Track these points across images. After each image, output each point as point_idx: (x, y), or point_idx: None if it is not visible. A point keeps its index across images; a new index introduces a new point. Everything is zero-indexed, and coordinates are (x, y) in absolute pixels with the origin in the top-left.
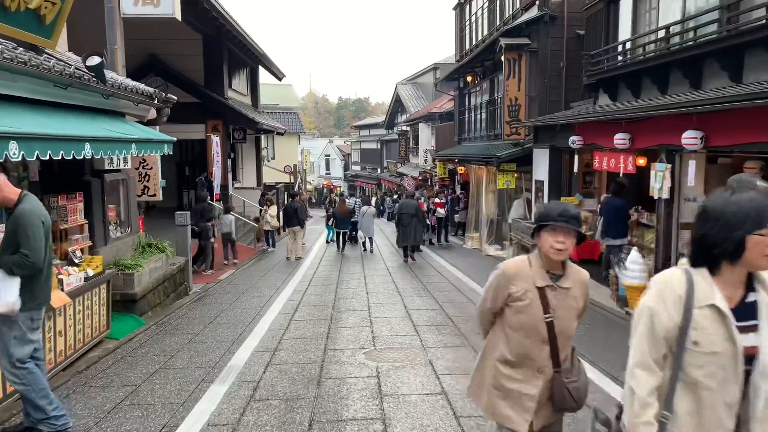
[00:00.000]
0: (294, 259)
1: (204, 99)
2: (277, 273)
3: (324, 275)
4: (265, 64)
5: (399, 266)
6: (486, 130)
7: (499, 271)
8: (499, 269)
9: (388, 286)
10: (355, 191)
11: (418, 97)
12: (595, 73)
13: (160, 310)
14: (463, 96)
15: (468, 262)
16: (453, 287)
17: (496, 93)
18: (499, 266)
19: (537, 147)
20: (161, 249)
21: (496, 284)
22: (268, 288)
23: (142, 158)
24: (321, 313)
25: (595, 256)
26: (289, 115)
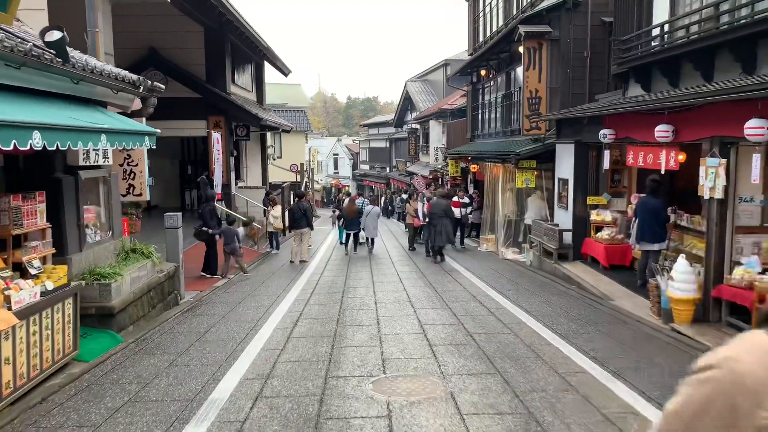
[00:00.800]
0: (298, 262)
1: (205, 94)
2: (279, 278)
3: (329, 282)
4: (270, 59)
5: (410, 271)
6: (502, 126)
7: (713, 376)
8: (716, 371)
9: (399, 295)
10: (364, 191)
11: (428, 95)
12: (627, 60)
13: (144, 324)
14: (476, 91)
15: (484, 267)
16: (470, 296)
17: (512, 86)
18: (711, 362)
19: (560, 142)
20: (147, 255)
21: (710, 409)
22: (268, 297)
23: (127, 154)
24: (324, 328)
25: (626, 261)
26: (297, 113)
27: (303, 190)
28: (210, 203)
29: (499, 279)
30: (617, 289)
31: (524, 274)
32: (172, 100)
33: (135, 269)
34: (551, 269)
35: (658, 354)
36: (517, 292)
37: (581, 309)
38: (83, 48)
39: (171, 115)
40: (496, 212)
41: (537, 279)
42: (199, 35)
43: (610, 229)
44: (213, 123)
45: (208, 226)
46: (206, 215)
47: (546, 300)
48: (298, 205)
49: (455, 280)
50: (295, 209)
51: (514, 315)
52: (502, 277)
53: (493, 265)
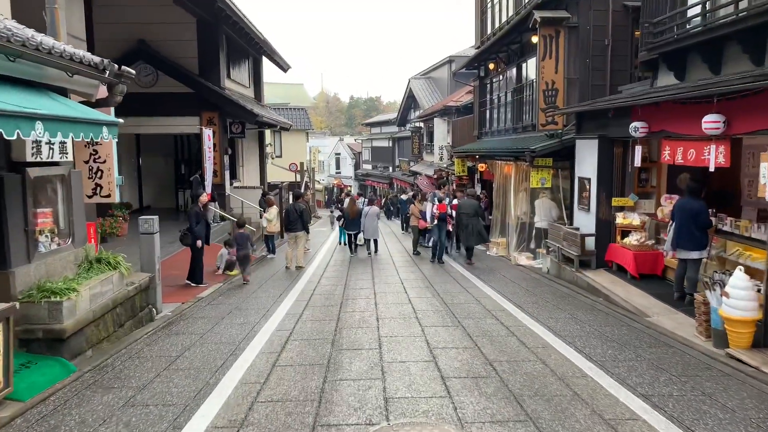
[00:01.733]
0: (294, 268)
1: (198, 89)
2: (271, 287)
3: (326, 291)
4: (268, 54)
5: (415, 279)
6: (512, 122)
7: None
8: None
9: (403, 308)
10: (366, 191)
11: (432, 92)
12: (658, 44)
13: (107, 347)
14: (483, 86)
15: (497, 275)
16: (485, 311)
17: (523, 80)
18: None
19: (581, 138)
20: (114, 265)
21: None
22: (256, 310)
23: (93, 150)
24: (316, 352)
25: (658, 270)
26: (297, 111)
27: (300, 190)
28: (197, 204)
29: (515, 289)
30: (652, 303)
31: (541, 283)
32: (163, 95)
33: (97, 282)
34: (572, 278)
35: (722, 391)
36: (537, 306)
37: (614, 328)
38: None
39: (162, 110)
40: (507, 214)
41: (557, 289)
42: (192, 27)
43: (639, 233)
44: (206, 119)
45: (193, 229)
46: (192, 217)
47: (572, 315)
48: (294, 206)
49: (466, 290)
50: (290, 210)
51: (538, 336)
52: (517, 286)
53: (506, 272)
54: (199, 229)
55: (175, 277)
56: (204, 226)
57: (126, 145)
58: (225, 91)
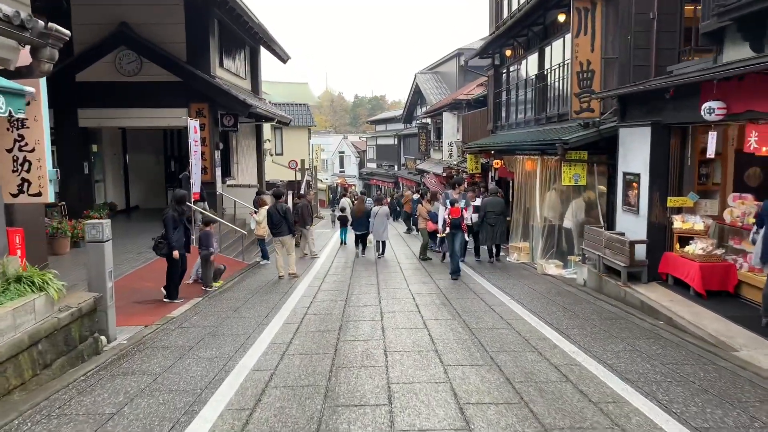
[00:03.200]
0: (287, 276)
1: (186, 77)
2: (258, 303)
3: (323, 310)
4: (266, 43)
5: (429, 293)
6: (534, 113)
7: None
8: None
9: (417, 336)
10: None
11: (440, 87)
12: (732, 6)
13: (19, 400)
14: (499, 75)
15: (524, 287)
16: (521, 340)
17: (547, 65)
18: None
19: (628, 126)
20: (39, 286)
21: None
22: (233, 338)
23: (18, 135)
24: (302, 411)
25: (729, 286)
26: (299, 107)
27: (281, 189)
28: (179, 206)
29: (551, 308)
30: (733, 331)
31: (580, 299)
32: (147, 84)
33: (7, 312)
34: (618, 293)
35: None
36: (584, 332)
37: (696, 367)
38: None
39: (147, 101)
40: (530, 216)
41: (601, 308)
42: (179, 9)
43: (704, 241)
44: (195, 110)
45: (169, 237)
46: (167, 223)
47: (633, 347)
48: (276, 208)
49: (491, 308)
50: (272, 213)
51: (601, 381)
52: (552, 303)
53: (533, 283)
54: (177, 237)
55: (149, 290)
56: (182, 232)
57: (111, 141)
58: (216, 79)
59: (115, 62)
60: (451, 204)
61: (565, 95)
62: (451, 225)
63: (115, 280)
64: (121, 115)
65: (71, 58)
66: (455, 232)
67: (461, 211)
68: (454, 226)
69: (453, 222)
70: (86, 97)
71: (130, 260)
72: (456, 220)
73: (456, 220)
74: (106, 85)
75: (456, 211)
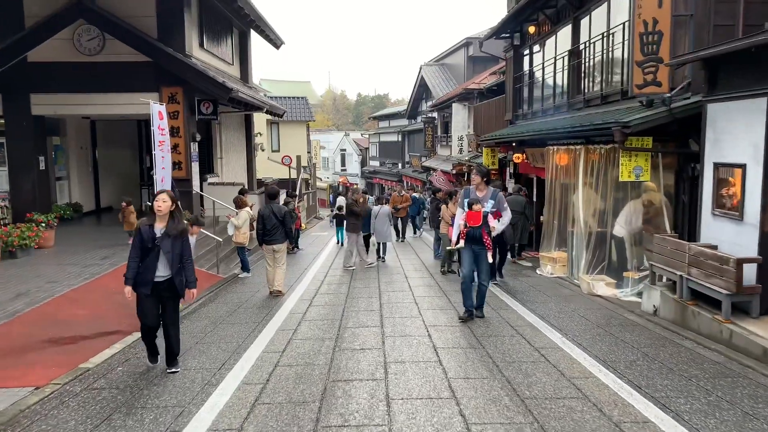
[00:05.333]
0: (275, 291)
1: (156, 57)
2: (215, 344)
3: (302, 357)
4: (257, 25)
5: (449, 325)
6: (567, 96)
7: None
8: None
9: (444, 416)
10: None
11: (447, 80)
12: None
13: None
14: (519, 57)
15: (573, 317)
16: (603, 419)
17: (584, 37)
18: None
19: (722, 99)
20: None
21: None
22: (156, 417)
23: None
24: None
25: None
26: (296, 100)
27: (275, 187)
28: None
29: (624, 353)
30: None
31: (659, 338)
32: (111, 65)
33: None
34: (715, 331)
35: None
36: (694, 402)
37: None
38: None
39: (111, 85)
40: (569, 220)
41: (699, 356)
42: None
43: None
44: (167, 95)
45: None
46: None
47: None
48: (272, 209)
49: (542, 355)
50: (265, 215)
51: None
52: (622, 345)
53: (583, 309)
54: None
55: (77, 321)
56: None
57: (77, 133)
58: (192, 59)
59: (73, 39)
60: (469, 206)
61: (610, 72)
62: (466, 236)
63: (38, 305)
64: (82, 102)
65: (21, 34)
66: (474, 248)
67: (484, 217)
68: (472, 239)
69: (470, 233)
70: (40, 81)
71: (70, 276)
72: (474, 231)
73: (474, 230)
74: (63, 66)
75: (475, 217)
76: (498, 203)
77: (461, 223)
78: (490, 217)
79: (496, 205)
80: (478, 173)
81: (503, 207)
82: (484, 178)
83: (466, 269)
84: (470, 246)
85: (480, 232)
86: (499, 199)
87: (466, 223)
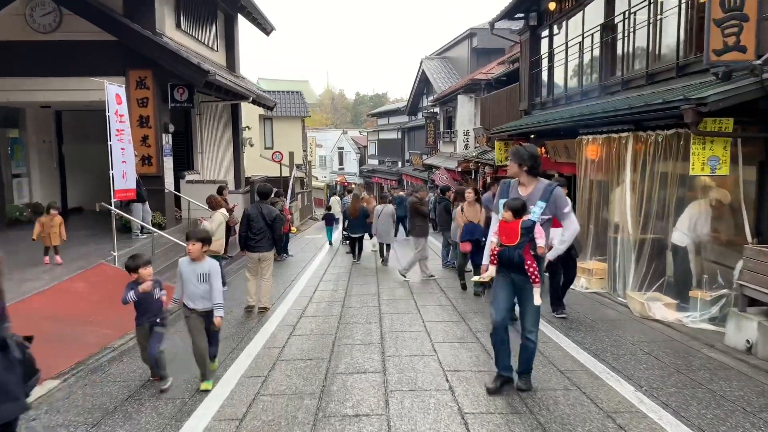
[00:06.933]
0: (261, 307)
1: (122, 35)
2: (174, 383)
3: (275, 421)
4: (243, 6)
5: (474, 369)
6: (601, 78)
7: None
8: None
9: None
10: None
11: (449, 74)
12: None
13: None
14: (537, 39)
15: (636, 354)
16: None
17: (621, 6)
18: None
19: None
20: None
21: None
22: None
23: None
24: None
25: None
26: (291, 95)
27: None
28: None
29: (735, 419)
30: None
31: None
32: (70, 45)
33: None
34: None
35: None
36: None
37: None
38: None
39: (71, 68)
40: (609, 224)
41: None
42: None
43: None
44: (135, 80)
45: None
46: None
47: None
48: (260, 209)
49: (618, 426)
50: (252, 216)
51: None
52: (726, 405)
53: (648, 343)
54: None
55: None
56: None
57: (38, 125)
58: (163, 38)
59: (25, 14)
60: (513, 212)
61: (658, 45)
62: (498, 258)
63: None
64: (37, 87)
65: None
66: (514, 278)
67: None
68: (508, 264)
69: (503, 255)
70: None
71: None
72: (510, 252)
73: (510, 250)
74: (14, 46)
75: (509, 231)
76: (554, 205)
77: (494, 239)
78: (538, 230)
79: (551, 209)
80: (514, 158)
81: (564, 212)
82: (526, 166)
83: (498, 311)
84: (507, 274)
85: (519, 254)
86: (555, 198)
87: (500, 238)
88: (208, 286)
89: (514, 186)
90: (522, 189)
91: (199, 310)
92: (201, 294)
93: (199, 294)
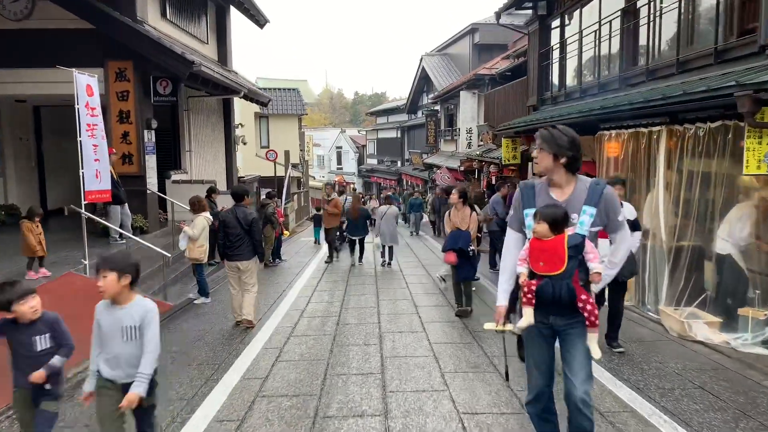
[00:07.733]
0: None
1: (100, 22)
2: None
3: None
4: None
5: (493, 400)
6: (620, 68)
7: None
8: None
9: None
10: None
11: (450, 72)
12: None
13: None
14: (546, 29)
15: (686, 384)
16: None
17: None
18: None
19: None
20: None
21: None
22: None
23: None
24: None
25: None
26: (287, 92)
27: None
28: None
29: None
30: None
31: None
32: (44, 33)
33: None
34: None
35: None
36: None
37: None
38: None
39: (44, 59)
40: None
41: None
42: None
43: None
44: (114, 72)
45: None
46: None
47: None
48: (236, 213)
49: None
50: (228, 221)
51: None
52: None
53: (696, 373)
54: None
55: None
56: None
57: (14, 120)
58: (145, 27)
59: None
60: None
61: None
62: (537, 296)
63: None
64: (9, 79)
65: None
66: (557, 327)
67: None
68: (550, 303)
69: (542, 290)
70: None
71: None
72: (554, 285)
73: (554, 282)
74: None
75: (552, 252)
76: (604, 213)
77: (522, 268)
78: (590, 247)
79: (601, 218)
80: (548, 145)
81: (618, 220)
82: (566, 157)
83: (537, 376)
84: (545, 317)
85: (568, 286)
86: (606, 201)
87: (530, 267)
88: (139, 344)
89: (542, 189)
90: (556, 192)
91: (121, 382)
92: (128, 357)
93: (125, 357)
